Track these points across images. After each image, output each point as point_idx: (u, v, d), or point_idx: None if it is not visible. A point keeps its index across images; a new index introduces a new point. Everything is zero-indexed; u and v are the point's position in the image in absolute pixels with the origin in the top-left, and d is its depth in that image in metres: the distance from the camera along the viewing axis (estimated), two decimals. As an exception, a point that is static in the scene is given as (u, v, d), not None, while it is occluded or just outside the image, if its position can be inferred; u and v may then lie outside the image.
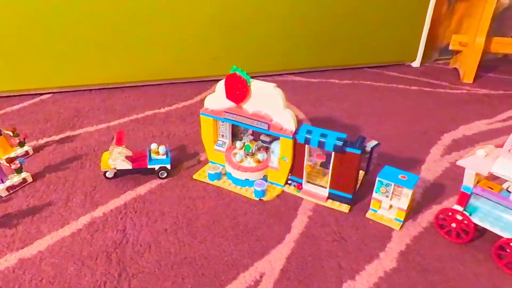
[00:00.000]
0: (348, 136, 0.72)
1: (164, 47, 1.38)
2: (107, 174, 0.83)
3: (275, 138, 0.81)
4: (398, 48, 1.77)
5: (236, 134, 0.90)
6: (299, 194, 0.80)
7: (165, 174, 0.84)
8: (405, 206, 0.69)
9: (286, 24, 1.52)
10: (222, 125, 0.86)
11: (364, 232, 0.69)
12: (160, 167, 0.83)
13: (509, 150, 0.59)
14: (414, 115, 1.24)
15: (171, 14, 1.34)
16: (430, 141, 1.05)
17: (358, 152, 0.70)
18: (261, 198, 0.78)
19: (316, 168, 0.86)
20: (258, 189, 0.78)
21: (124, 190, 0.80)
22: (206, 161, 0.91)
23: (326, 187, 0.78)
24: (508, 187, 0.63)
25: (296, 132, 0.75)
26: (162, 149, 0.85)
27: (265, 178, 0.83)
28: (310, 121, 1.17)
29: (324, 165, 0.84)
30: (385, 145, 1.02)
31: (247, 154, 0.84)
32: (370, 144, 0.74)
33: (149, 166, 0.83)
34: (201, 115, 0.85)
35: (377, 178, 0.71)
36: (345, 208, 0.75)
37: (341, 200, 0.76)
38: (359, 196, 0.79)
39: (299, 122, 0.77)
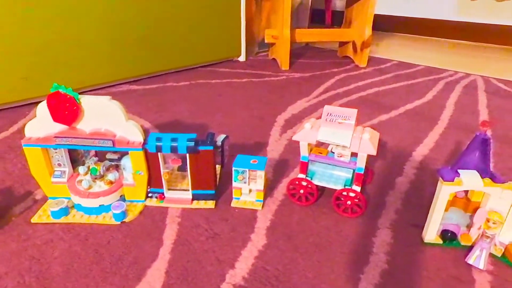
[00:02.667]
0: (198, 135, 0.73)
1: None
2: None
3: (124, 154, 0.76)
4: (224, 46, 1.90)
5: (76, 159, 0.79)
6: (163, 204, 0.77)
7: (-10, 229, 0.67)
8: (261, 187, 0.76)
9: (110, 31, 1.42)
10: (56, 152, 0.74)
11: (233, 221, 0.73)
12: (-20, 222, 0.66)
13: (325, 120, 0.72)
14: (250, 104, 1.37)
15: None
16: (268, 125, 1.18)
17: (211, 148, 0.72)
18: (123, 220, 0.72)
19: (174, 174, 0.84)
20: (117, 212, 0.71)
21: None
22: (45, 198, 0.77)
23: (188, 190, 0.78)
24: (331, 149, 0.78)
25: (145, 143, 0.72)
26: (-23, 199, 0.67)
27: (122, 198, 0.77)
28: (157, 128, 1.14)
29: (182, 168, 0.84)
30: (233, 137, 1.09)
31: (95, 178, 0.75)
32: (220, 138, 0.78)
33: (-38, 226, 0.64)
34: (24, 147, 0.71)
35: (233, 168, 0.76)
36: (211, 204, 0.77)
37: (206, 197, 0.78)
38: (221, 189, 0.82)
39: (145, 132, 0.74)
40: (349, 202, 0.74)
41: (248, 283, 0.59)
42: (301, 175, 0.78)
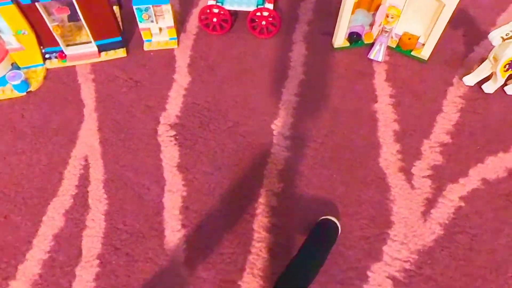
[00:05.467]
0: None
1: None
2: None
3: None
4: None
5: None
6: (68, 63, 0.69)
7: None
8: (172, 23, 0.70)
9: None
10: None
11: (152, 65, 0.70)
12: None
13: None
14: None
15: None
16: None
17: (99, -14, 0.61)
18: (28, 90, 0.65)
19: (67, 26, 0.73)
20: (16, 82, 0.63)
21: None
22: None
23: (91, 41, 0.69)
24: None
25: (12, -7, 0.58)
26: None
27: (15, 66, 0.67)
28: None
29: (73, 17, 0.71)
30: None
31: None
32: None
33: None
34: None
35: (134, 7, 0.66)
36: (122, 52, 0.71)
37: (114, 46, 0.71)
38: (127, 34, 0.75)
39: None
40: (264, 22, 0.73)
41: (183, 120, 0.62)
42: (211, 2, 0.72)
